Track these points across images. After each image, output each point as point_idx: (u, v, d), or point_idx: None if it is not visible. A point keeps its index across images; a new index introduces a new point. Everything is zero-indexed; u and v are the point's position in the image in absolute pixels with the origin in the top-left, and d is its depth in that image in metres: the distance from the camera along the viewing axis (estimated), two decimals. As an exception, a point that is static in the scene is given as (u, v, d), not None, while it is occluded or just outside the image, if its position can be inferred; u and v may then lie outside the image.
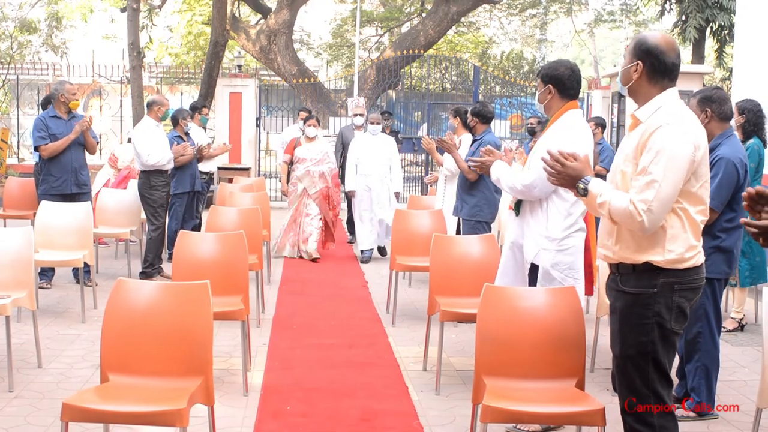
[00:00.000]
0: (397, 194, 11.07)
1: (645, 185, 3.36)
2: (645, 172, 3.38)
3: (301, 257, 10.69)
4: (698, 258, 3.52)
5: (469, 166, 7.28)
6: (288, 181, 10.97)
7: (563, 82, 4.94)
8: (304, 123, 10.99)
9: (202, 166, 10.56)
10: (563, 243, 4.94)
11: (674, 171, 3.36)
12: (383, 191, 10.87)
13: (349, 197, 11.23)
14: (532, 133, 11.83)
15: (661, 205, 3.36)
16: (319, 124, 11.09)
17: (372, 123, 10.95)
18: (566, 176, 3.60)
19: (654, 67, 3.54)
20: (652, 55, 3.54)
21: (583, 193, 3.56)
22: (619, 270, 3.61)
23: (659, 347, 3.50)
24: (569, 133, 4.86)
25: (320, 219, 10.75)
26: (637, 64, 3.56)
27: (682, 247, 3.46)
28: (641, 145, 3.43)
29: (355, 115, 11.99)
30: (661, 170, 3.34)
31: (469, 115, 7.82)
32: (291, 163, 10.90)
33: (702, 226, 3.54)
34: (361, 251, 10.90)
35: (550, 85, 4.95)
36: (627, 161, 3.52)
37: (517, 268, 5.23)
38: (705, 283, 3.64)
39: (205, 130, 11.73)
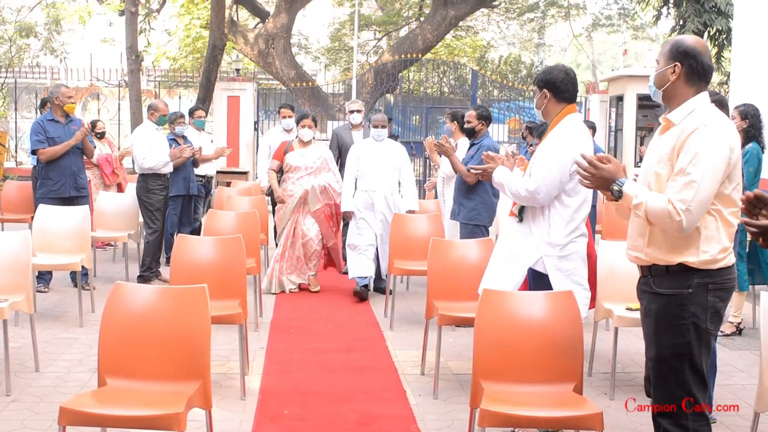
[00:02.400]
0: (411, 213, 8.67)
1: (684, 185, 3.37)
2: (683, 172, 3.38)
3: (295, 290, 8.90)
4: (730, 258, 3.52)
5: (470, 171, 7.27)
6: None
7: (557, 86, 4.94)
8: (298, 124, 8.98)
9: (199, 170, 10.54)
10: (566, 249, 4.94)
11: (712, 172, 3.36)
12: (389, 213, 8.62)
13: (345, 219, 9.01)
14: (525, 137, 11.85)
15: (699, 205, 3.36)
16: (316, 125, 9.11)
17: (376, 126, 8.73)
18: (601, 179, 3.57)
19: (692, 69, 3.55)
20: (690, 56, 3.54)
21: (618, 195, 3.53)
22: (651, 272, 3.60)
23: (695, 348, 3.49)
24: (569, 137, 4.86)
25: (321, 243, 8.92)
26: (675, 65, 3.56)
27: (716, 249, 3.46)
28: (678, 147, 3.43)
29: (351, 111, 9.87)
30: (700, 171, 3.35)
31: (475, 118, 7.76)
32: (280, 172, 8.98)
33: (735, 228, 3.55)
34: (358, 280, 8.73)
35: (545, 90, 4.96)
36: (661, 163, 3.51)
37: (509, 271, 5.15)
38: None
39: (200, 132, 11.30)
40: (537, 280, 5.05)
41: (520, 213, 5.08)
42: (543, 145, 4.98)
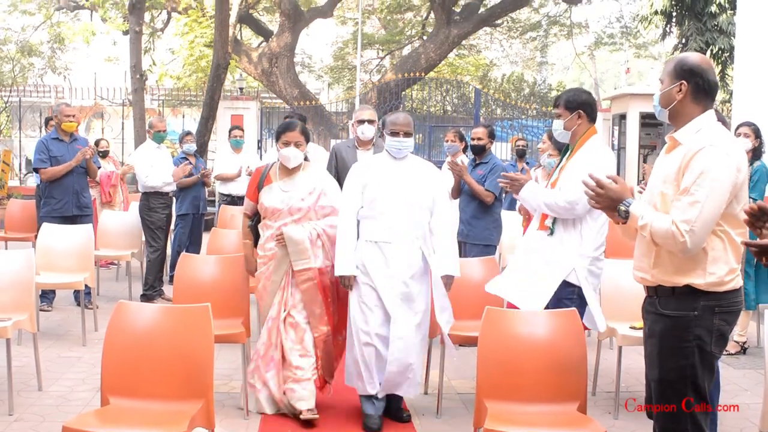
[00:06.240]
0: (448, 281, 5.40)
1: (688, 205, 3.32)
2: (687, 192, 3.34)
3: (284, 414, 5.47)
4: (737, 281, 3.47)
5: (489, 185, 7.27)
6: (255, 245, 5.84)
7: (591, 107, 5.15)
8: (278, 139, 5.65)
9: (222, 188, 10.55)
10: (593, 263, 5.07)
11: (717, 192, 3.31)
12: (416, 283, 5.33)
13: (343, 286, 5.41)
14: (522, 154, 11.83)
15: (703, 225, 3.31)
16: (307, 141, 5.70)
17: (395, 133, 5.38)
18: (607, 199, 3.52)
19: (698, 86, 3.50)
20: (695, 74, 3.50)
21: (624, 216, 3.48)
22: (657, 293, 3.56)
23: (699, 371, 3.45)
24: (603, 153, 5.05)
25: (315, 337, 5.51)
26: (681, 84, 3.51)
27: (723, 270, 3.42)
28: (683, 166, 3.39)
29: (361, 122, 6.83)
30: (705, 191, 3.30)
31: (486, 136, 7.71)
32: (256, 218, 5.82)
33: (742, 248, 3.50)
34: (364, 401, 5.40)
35: (580, 111, 5.10)
36: (667, 183, 3.47)
37: (540, 287, 5.08)
38: None
39: (238, 152, 10.88)
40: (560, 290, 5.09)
41: (552, 226, 5.11)
42: (576, 162, 5.05)
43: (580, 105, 5.10)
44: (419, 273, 5.32)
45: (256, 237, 5.79)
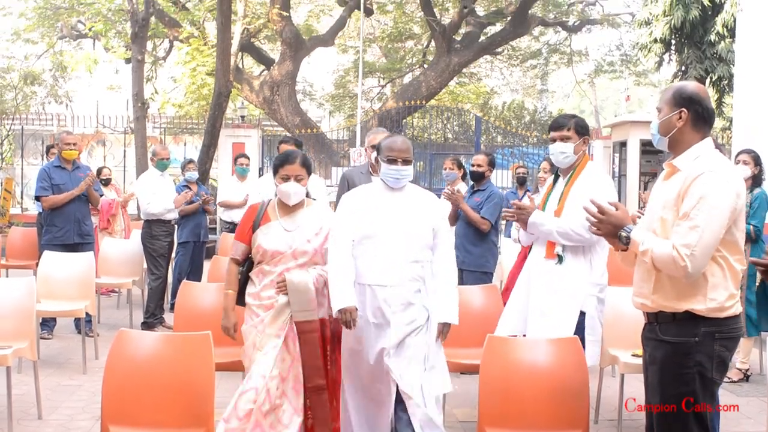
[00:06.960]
0: (444, 329, 4.73)
1: (688, 230, 3.34)
2: (687, 217, 3.36)
3: None
4: (737, 307, 3.49)
5: (481, 214, 7.28)
6: (242, 299, 4.94)
7: (590, 134, 5.31)
8: (276, 173, 4.87)
9: (225, 215, 10.56)
10: (603, 292, 5.11)
11: (717, 218, 3.34)
12: (417, 326, 4.69)
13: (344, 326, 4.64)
14: (522, 182, 11.83)
15: (703, 250, 3.33)
16: (309, 174, 4.92)
17: (392, 160, 4.72)
18: (609, 225, 3.56)
19: (698, 114, 3.55)
20: (695, 101, 3.55)
21: (625, 242, 3.52)
22: (657, 319, 3.56)
23: (700, 397, 3.45)
24: (604, 181, 5.13)
25: (307, 387, 4.67)
26: (681, 111, 3.55)
27: (723, 296, 3.43)
28: (683, 192, 3.42)
29: (375, 146, 5.67)
30: (704, 216, 3.33)
31: (486, 163, 7.71)
32: (248, 264, 4.91)
33: (741, 274, 3.53)
34: None
35: (586, 137, 5.20)
36: (667, 208, 3.50)
37: (561, 316, 5.04)
38: None
39: (243, 180, 10.96)
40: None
41: (562, 254, 5.09)
42: (582, 188, 5.02)
43: (586, 131, 5.21)
44: (419, 319, 4.68)
45: (241, 288, 4.92)
